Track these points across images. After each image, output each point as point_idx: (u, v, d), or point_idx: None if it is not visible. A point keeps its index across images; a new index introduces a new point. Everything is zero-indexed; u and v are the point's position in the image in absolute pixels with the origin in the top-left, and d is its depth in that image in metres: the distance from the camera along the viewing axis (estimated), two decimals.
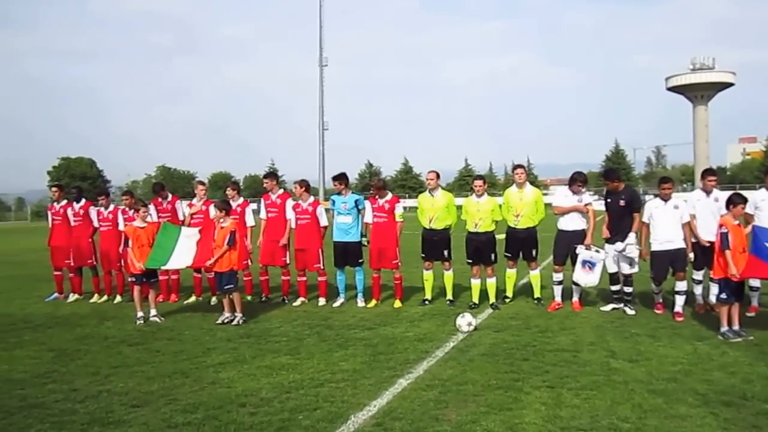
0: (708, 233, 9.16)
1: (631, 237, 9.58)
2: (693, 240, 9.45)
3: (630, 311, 9.57)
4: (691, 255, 9.47)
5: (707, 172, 9.89)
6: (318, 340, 8.48)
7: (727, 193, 8.73)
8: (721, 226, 8.10)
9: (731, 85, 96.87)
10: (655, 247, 9.52)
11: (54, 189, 12.75)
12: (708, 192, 9.57)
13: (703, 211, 9.44)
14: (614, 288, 9.92)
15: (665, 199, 9.50)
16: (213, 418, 5.61)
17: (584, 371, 6.66)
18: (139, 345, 8.46)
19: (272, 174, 12.13)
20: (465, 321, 8.71)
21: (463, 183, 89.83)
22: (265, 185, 11.93)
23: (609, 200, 9.94)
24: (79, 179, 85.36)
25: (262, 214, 11.69)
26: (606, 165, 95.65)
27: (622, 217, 9.72)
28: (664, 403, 5.65)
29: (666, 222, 9.42)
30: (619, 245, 9.61)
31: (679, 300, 9.36)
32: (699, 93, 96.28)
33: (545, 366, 6.90)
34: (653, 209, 9.57)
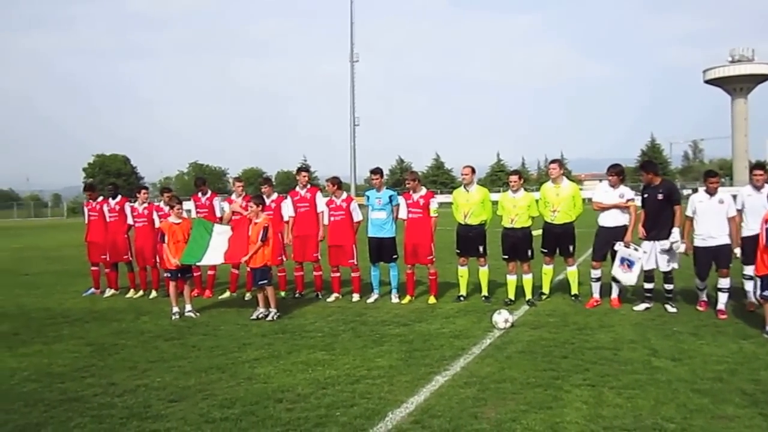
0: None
1: (676, 233, 9.32)
2: (742, 235, 9.21)
3: (671, 308, 9.35)
4: (738, 250, 9.23)
5: (756, 167, 9.57)
6: (353, 336, 8.44)
7: None
8: (766, 221, 7.86)
9: None
10: (697, 243, 9.30)
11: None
12: (758, 187, 9.27)
13: (753, 207, 9.15)
14: (647, 286, 9.68)
15: (711, 193, 9.27)
16: (250, 414, 5.59)
17: (626, 370, 6.52)
18: (175, 340, 8.50)
19: (304, 169, 12.15)
20: (501, 318, 8.60)
21: (495, 178, 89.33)
22: (298, 178, 11.85)
23: (646, 195, 9.70)
24: (113, 176, 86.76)
25: (290, 212, 11.61)
26: (642, 159, 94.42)
27: (660, 212, 9.49)
28: (710, 403, 5.48)
29: (710, 217, 9.19)
30: (665, 243, 9.37)
31: (722, 297, 9.12)
32: (738, 85, 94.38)
33: (585, 364, 6.76)
34: (697, 203, 9.34)
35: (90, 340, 8.59)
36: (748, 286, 9.27)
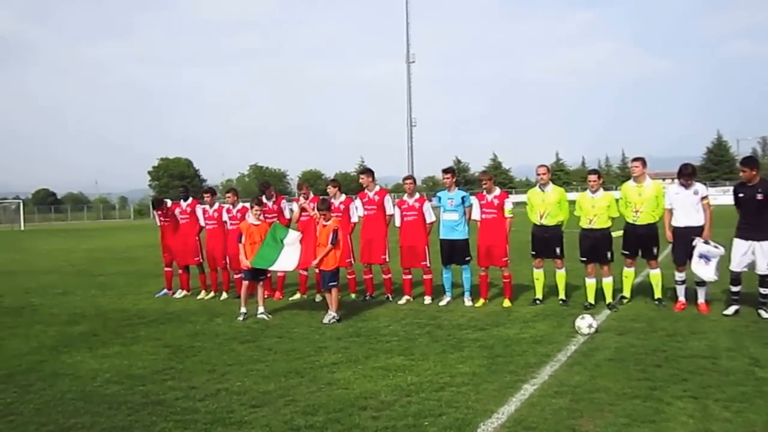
0: None
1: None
2: None
3: (765, 314, 8.84)
4: None
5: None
6: (430, 341, 8.22)
7: None
8: None
9: None
10: None
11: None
12: None
13: None
14: (734, 289, 9.17)
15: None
16: (335, 422, 5.43)
17: (728, 381, 6.11)
18: (251, 342, 8.43)
19: (368, 170, 11.82)
20: (585, 323, 8.25)
21: (555, 178, 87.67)
22: (361, 181, 11.73)
23: (742, 194, 9.18)
24: (177, 179, 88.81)
25: (360, 212, 11.50)
26: (707, 158, 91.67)
27: (761, 212, 8.96)
28: None
29: None
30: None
31: None
32: None
33: (682, 374, 6.38)
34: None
35: (167, 342, 8.59)
36: None
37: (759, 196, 8.94)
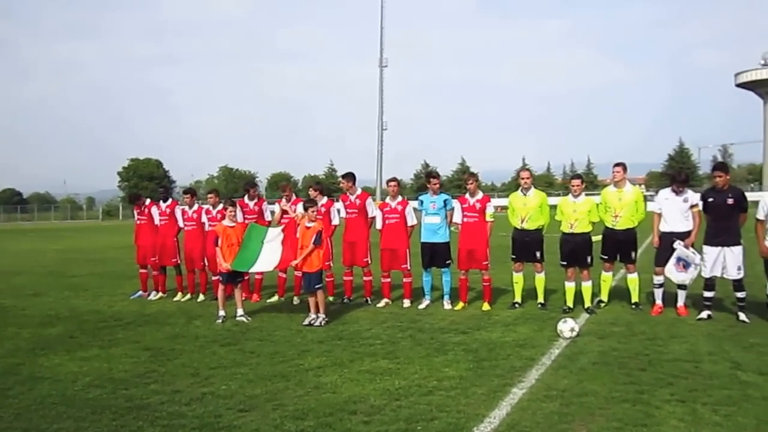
0: None
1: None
2: None
3: (744, 318, 8.98)
4: None
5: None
6: (413, 344, 8.20)
7: None
8: None
9: None
10: None
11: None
12: None
13: None
14: (707, 294, 9.33)
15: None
16: (326, 426, 5.38)
17: (713, 384, 6.19)
18: (232, 345, 8.32)
19: (349, 174, 11.75)
20: (567, 327, 8.30)
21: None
22: (341, 185, 11.73)
23: (712, 199, 9.34)
24: (147, 179, 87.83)
25: (342, 215, 11.49)
26: (669, 164, 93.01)
27: (730, 217, 9.15)
28: None
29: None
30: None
31: None
32: None
33: (667, 377, 6.45)
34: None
35: (146, 345, 8.44)
36: None
37: (729, 201, 9.12)
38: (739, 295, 9.08)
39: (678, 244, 9.43)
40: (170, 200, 12.50)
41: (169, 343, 8.51)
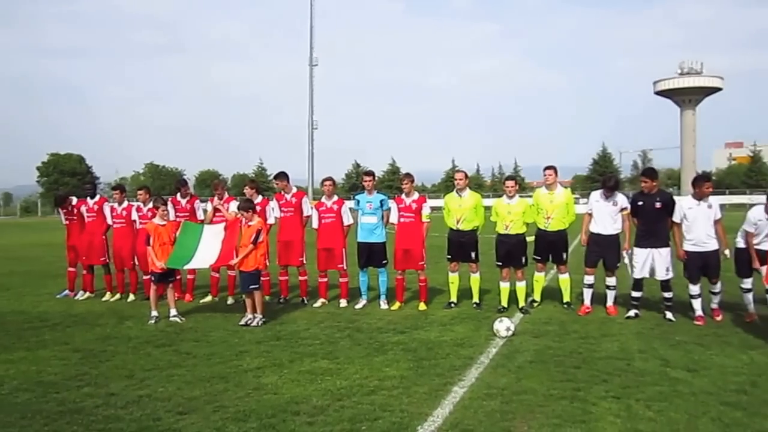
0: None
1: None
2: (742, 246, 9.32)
3: (671, 317, 9.33)
4: (727, 252, 9.30)
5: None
6: (352, 344, 8.19)
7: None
8: None
9: (719, 89, 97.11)
10: (689, 248, 9.29)
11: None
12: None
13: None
14: (635, 294, 9.67)
15: (700, 198, 9.29)
16: (269, 427, 5.32)
17: (645, 381, 6.41)
18: (167, 347, 8.13)
19: (283, 174, 11.58)
20: (503, 326, 8.46)
21: (450, 184, 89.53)
22: (276, 185, 11.63)
23: (641, 203, 9.67)
24: (68, 175, 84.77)
25: (277, 213, 11.38)
26: (593, 168, 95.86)
27: (657, 221, 9.50)
28: (745, 416, 5.39)
29: (702, 222, 9.19)
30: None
31: (715, 299, 9.47)
32: (687, 97, 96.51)
33: (601, 375, 6.64)
34: (686, 210, 9.33)
35: (76, 346, 8.16)
36: (747, 298, 9.37)
37: (657, 205, 9.46)
38: (667, 294, 9.43)
39: (625, 253, 9.88)
40: (98, 196, 12.10)
41: (101, 345, 8.24)
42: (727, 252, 9.30)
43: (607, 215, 9.95)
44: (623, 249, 9.87)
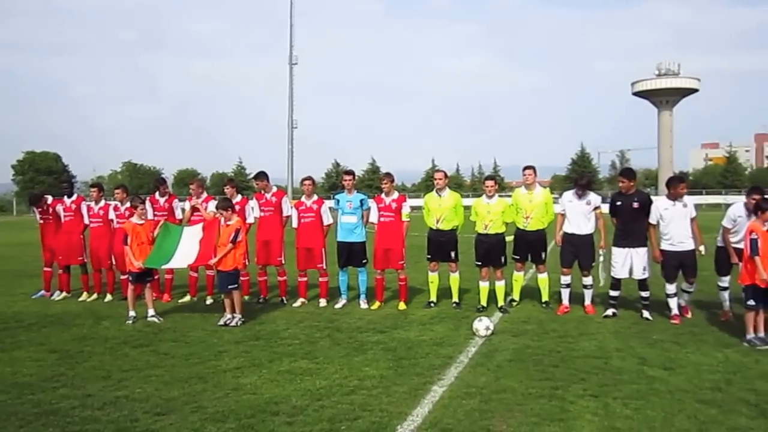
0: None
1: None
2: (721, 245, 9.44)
3: (648, 315, 9.42)
4: (702, 248, 9.38)
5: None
6: (331, 344, 8.18)
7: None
8: (751, 231, 7.96)
9: (695, 91, 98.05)
10: (666, 247, 9.38)
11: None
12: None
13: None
14: (613, 293, 9.75)
15: (675, 198, 9.38)
16: (248, 428, 5.30)
17: (622, 379, 6.47)
18: (145, 347, 8.06)
19: (263, 174, 11.50)
20: (483, 325, 8.49)
21: (430, 184, 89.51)
22: (256, 185, 11.59)
23: (620, 203, 9.74)
24: (44, 174, 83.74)
25: (257, 213, 11.33)
26: (572, 168, 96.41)
27: (634, 221, 9.57)
28: (720, 414, 5.46)
29: (679, 222, 9.29)
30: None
31: (686, 296, 9.66)
32: (664, 98, 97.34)
33: (579, 373, 6.69)
34: (663, 210, 9.42)
35: (52, 347, 8.06)
36: (723, 296, 9.48)
37: (635, 205, 9.53)
38: (644, 294, 9.52)
39: (601, 251, 9.98)
40: (75, 195, 11.97)
41: (77, 345, 8.16)
42: (702, 248, 9.40)
43: (580, 215, 10.02)
44: (599, 247, 9.95)
